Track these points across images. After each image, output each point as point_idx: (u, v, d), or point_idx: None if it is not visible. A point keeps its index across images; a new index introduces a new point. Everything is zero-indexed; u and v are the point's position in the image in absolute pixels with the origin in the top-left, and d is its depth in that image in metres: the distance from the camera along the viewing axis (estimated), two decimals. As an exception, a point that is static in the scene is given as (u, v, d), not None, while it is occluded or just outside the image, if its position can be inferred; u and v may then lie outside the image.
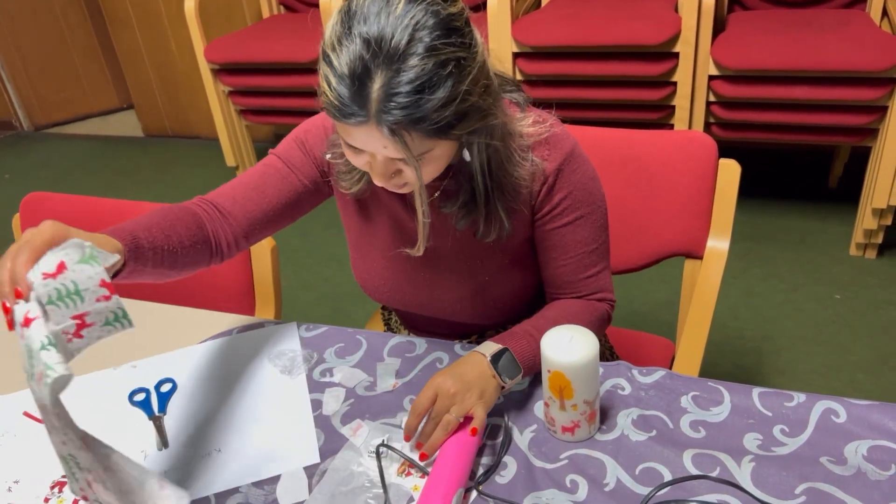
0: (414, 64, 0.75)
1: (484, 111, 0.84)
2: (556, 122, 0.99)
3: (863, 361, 1.97)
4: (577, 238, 1.02)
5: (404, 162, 0.84)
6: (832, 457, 0.83)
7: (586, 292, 1.05)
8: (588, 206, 1.01)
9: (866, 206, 2.28)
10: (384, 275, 1.10)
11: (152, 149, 3.92)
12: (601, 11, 2.37)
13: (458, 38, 0.77)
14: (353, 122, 0.78)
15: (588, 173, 1.01)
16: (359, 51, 0.75)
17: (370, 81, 0.75)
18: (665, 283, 2.33)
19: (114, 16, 3.71)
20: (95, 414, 1.02)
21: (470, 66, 0.79)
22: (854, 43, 2.08)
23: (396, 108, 0.76)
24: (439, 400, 0.88)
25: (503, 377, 0.91)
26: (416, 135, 0.79)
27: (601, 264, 1.05)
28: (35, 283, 0.66)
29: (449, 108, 0.77)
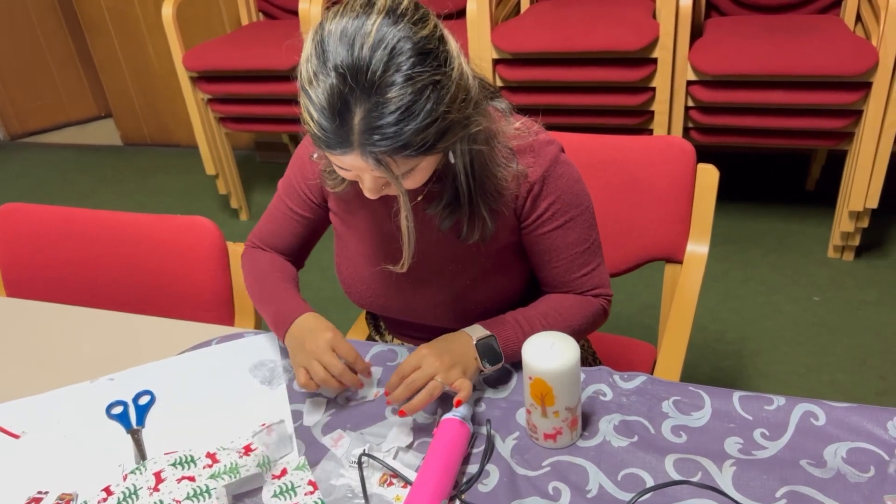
0: (392, 95, 0.75)
1: (465, 122, 0.85)
2: (539, 129, 1.00)
3: (842, 362, 1.99)
4: (568, 240, 1.03)
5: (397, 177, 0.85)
6: (812, 459, 0.84)
7: (582, 290, 1.06)
8: (576, 208, 1.02)
9: (843, 209, 2.30)
10: (367, 280, 1.11)
11: (131, 157, 3.88)
12: (580, 18, 2.38)
13: (433, 62, 0.78)
14: (338, 153, 0.80)
15: (573, 176, 1.02)
16: (336, 84, 0.76)
17: (350, 115, 0.77)
18: (646, 288, 2.35)
19: (91, 23, 3.67)
20: (73, 428, 1.00)
21: (447, 86, 0.80)
22: (829, 48, 2.10)
23: (380, 139, 0.77)
24: (423, 367, 0.92)
25: (483, 362, 0.95)
26: (401, 159, 0.81)
27: (594, 261, 1.06)
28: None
29: (430, 129, 0.79)
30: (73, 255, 1.38)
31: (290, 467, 0.89)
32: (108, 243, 1.36)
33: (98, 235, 1.37)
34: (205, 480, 0.84)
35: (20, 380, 1.11)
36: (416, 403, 0.90)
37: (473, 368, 0.95)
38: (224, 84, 2.78)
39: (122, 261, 1.36)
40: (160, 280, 1.34)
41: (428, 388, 0.90)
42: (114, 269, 1.37)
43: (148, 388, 1.06)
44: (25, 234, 1.41)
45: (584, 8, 2.50)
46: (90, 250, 1.38)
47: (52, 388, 1.08)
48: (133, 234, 1.35)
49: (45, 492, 0.90)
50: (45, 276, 1.41)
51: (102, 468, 0.93)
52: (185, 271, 1.32)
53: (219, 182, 3.05)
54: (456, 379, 0.92)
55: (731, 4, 2.59)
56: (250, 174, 3.43)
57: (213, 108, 2.90)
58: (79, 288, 1.39)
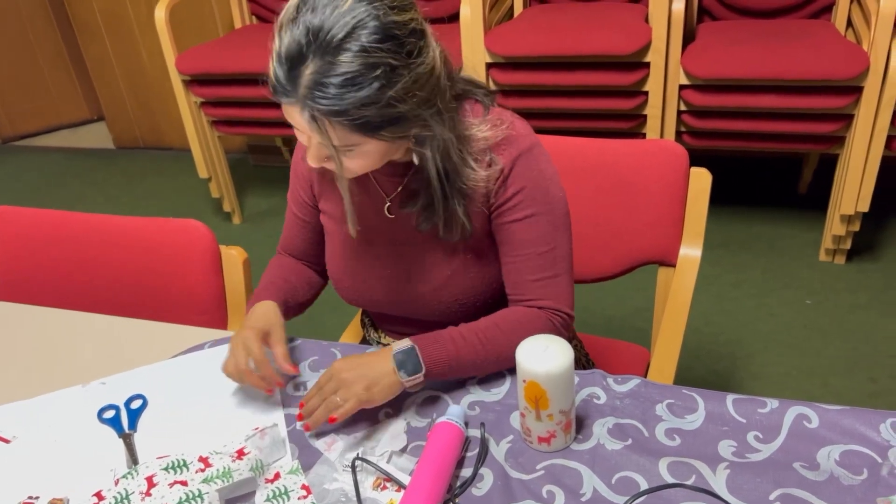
0: (345, 60, 0.79)
1: (419, 121, 0.87)
2: (518, 120, 1.01)
3: (834, 365, 2.00)
4: (528, 236, 1.01)
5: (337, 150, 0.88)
6: (805, 462, 0.84)
7: (533, 297, 1.02)
8: (542, 205, 1.00)
9: (835, 213, 2.31)
10: (352, 274, 1.12)
11: (123, 161, 3.87)
12: (573, 22, 2.39)
13: (393, 46, 0.81)
14: (284, 102, 0.84)
15: (545, 173, 1.01)
16: (299, 36, 0.80)
17: (303, 66, 0.81)
18: (639, 291, 2.35)
19: (83, 25, 3.66)
20: (64, 432, 1.00)
21: (402, 76, 0.82)
22: (821, 52, 2.11)
23: (320, 97, 0.81)
24: (331, 381, 0.93)
25: (401, 372, 0.94)
26: (338, 127, 0.83)
27: (553, 270, 1.02)
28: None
29: (370, 108, 0.82)
30: (65, 259, 1.38)
31: (284, 471, 0.89)
32: (100, 247, 1.36)
33: (90, 239, 1.36)
34: (197, 485, 0.83)
35: (11, 384, 1.10)
36: (316, 419, 0.92)
37: (388, 382, 0.93)
38: (217, 87, 2.77)
39: (114, 264, 1.35)
40: (152, 283, 1.33)
41: (324, 406, 0.92)
42: (106, 272, 1.36)
43: (140, 391, 1.05)
44: (17, 237, 1.40)
45: (577, 12, 2.51)
46: (82, 254, 1.37)
47: (43, 392, 1.07)
48: (125, 237, 1.35)
49: (36, 496, 0.90)
50: (36, 280, 1.40)
51: (94, 473, 0.93)
52: (177, 275, 1.31)
53: (211, 185, 3.05)
54: (351, 396, 0.91)
55: (724, 9, 2.60)
56: (243, 177, 3.42)
57: (205, 111, 2.89)
58: (70, 291, 1.38)
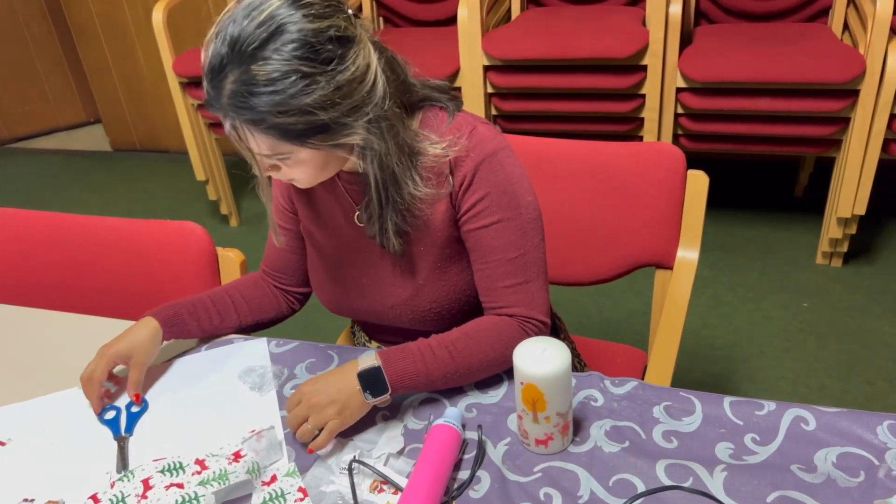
0: (257, 68, 0.80)
1: (346, 129, 0.86)
2: (482, 124, 0.98)
3: (830, 368, 2.00)
4: (495, 243, 0.99)
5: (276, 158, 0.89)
6: (802, 464, 0.84)
7: (504, 303, 1.00)
8: (509, 210, 0.98)
9: (831, 216, 2.32)
10: (332, 283, 1.12)
11: (120, 163, 3.86)
12: (570, 25, 2.39)
13: (307, 53, 0.81)
14: (213, 113, 0.85)
15: (511, 176, 0.98)
16: (219, 48, 0.81)
17: (224, 78, 0.82)
18: (636, 294, 2.35)
19: (80, 27, 3.66)
20: (59, 434, 0.99)
21: (318, 83, 0.82)
22: (817, 55, 2.12)
23: (238, 106, 0.82)
24: (300, 407, 0.92)
25: (366, 394, 0.92)
26: (260, 135, 0.84)
27: (524, 276, 0.99)
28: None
29: (287, 115, 0.82)
30: (61, 261, 1.37)
31: (280, 474, 0.89)
32: (96, 249, 1.36)
33: (86, 241, 1.36)
34: (193, 487, 0.83)
35: (6, 386, 1.10)
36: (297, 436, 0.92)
37: (357, 403, 0.92)
38: (214, 89, 2.77)
39: (110, 266, 1.35)
40: (149, 286, 1.33)
41: (299, 434, 0.91)
42: (102, 274, 1.36)
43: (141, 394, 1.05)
44: (13, 239, 1.40)
45: (574, 15, 2.51)
46: (79, 256, 1.37)
47: (38, 395, 1.07)
48: (122, 239, 1.34)
49: (31, 499, 0.89)
50: (32, 282, 1.39)
51: (89, 475, 0.92)
52: (174, 277, 1.31)
53: (208, 188, 3.04)
54: (325, 420, 0.90)
55: (720, 12, 2.61)
56: (240, 180, 3.42)
57: (203, 113, 2.89)
58: (67, 294, 1.38)
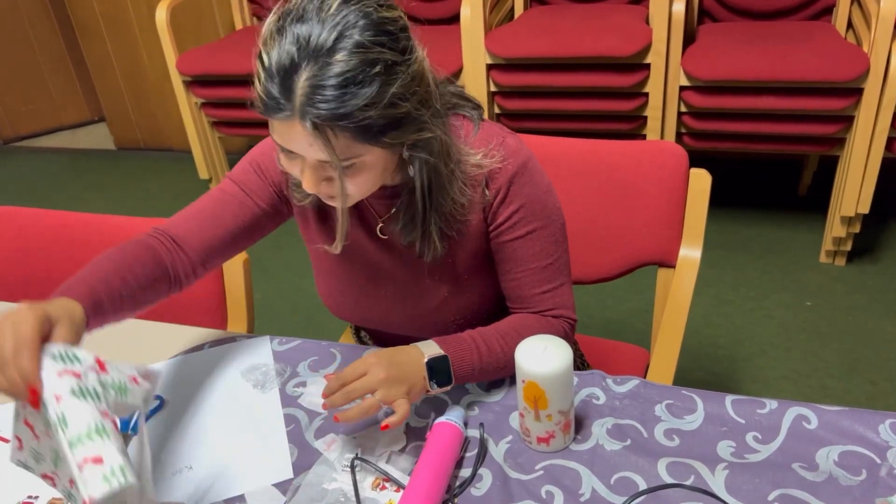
0: (340, 59, 0.75)
1: (419, 123, 0.84)
2: (509, 135, 0.98)
3: (832, 367, 2.00)
4: (530, 252, 1.00)
5: (334, 167, 0.83)
6: (804, 463, 0.84)
7: (542, 308, 1.02)
8: (542, 219, 0.99)
9: (835, 215, 2.31)
10: (345, 292, 1.09)
11: (124, 162, 3.87)
12: (574, 23, 2.39)
13: (389, 41, 0.78)
14: (279, 118, 0.78)
15: (542, 186, 0.99)
16: (288, 47, 0.76)
17: (296, 75, 0.76)
18: (638, 292, 2.35)
19: (83, 26, 3.66)
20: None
21: (402, 72, 0.79)
22: (821, 54, 2.12)
23: (321, 101, 0.76)
24: (368, 378, 0.88)
25: (432, 383, 0.91)
26: (342, 135, 0.78)
27: (558, 280, 1.02)
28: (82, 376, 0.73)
29: (374, 108, 0.77)
30: (64, 260, 1.38)
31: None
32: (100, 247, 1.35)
33: (90, 240, 1.36)
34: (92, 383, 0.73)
35: (10, 383, 1.10)
36: (351, 416, 0.87)
37: (420, 387, 0.90)
38: (218, 88, 2.78)
39: (114, 264, 1.35)
40: (152, 284, 1.33)
41: (364, 406, 0.86)
42: (106, 272, 1.36)
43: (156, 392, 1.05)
44: (17, 238, 1.40)
45: (577, 14, 2.51)
46: (82, 254, 1.37)
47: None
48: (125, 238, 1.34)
49: (35, 496, 0.90)
50: (36, 281, 1.40)
51: (93, 472, 0.93)
52: (177, 275, 1.31)
53: (212, 186, 3.05)
54: (396, 397, 0.87)
55: (724, 10, 2.61)
56: (243, 178, 3.42)
57: (206, 112, 2.90)
58: (70, 291, 1.38)
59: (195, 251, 1.00)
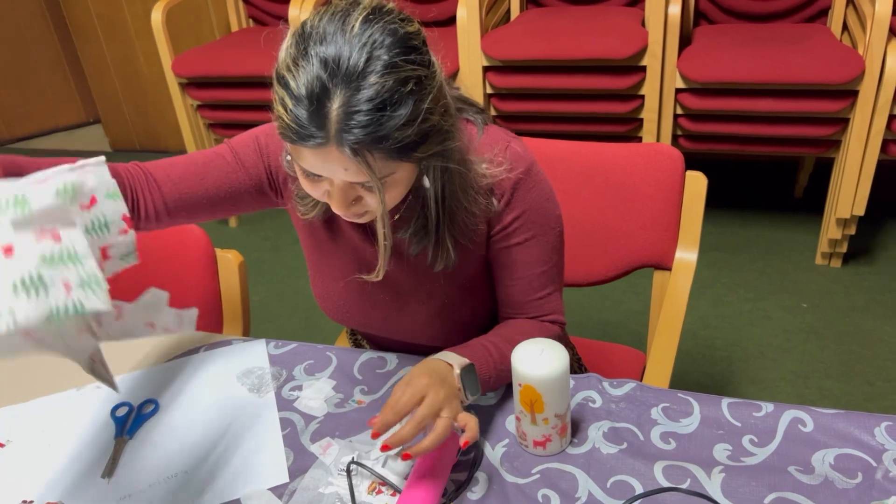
0: (374, 81, 0.73)
1: (444, 133, 0.83)
2: (514, 140, 0.97)
3: (829, 368, 2.00)
4: (527, 258, 0.99)
5: (364, 187, 0.82)
6: (800, 466, 0.84)
7: (537, 314, 1.03)
8: (541, 226, 0.98)
9: (831, 216, 2.32)
10: (343, 297, 1.08)
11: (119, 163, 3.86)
12: (570, 26, 2.39)
13: (417, 56, 0.77)
14: (312, 145, 0.76)
15: (544, 193, 0.98)
16: (316, 71, 0.73)
17: (329, 101, 0.74)
18: (635, 295, 2.35)
19: (79, 27, 3.66)
20: (58, 436, 0.99)
21: (430, 85, 0.78)
22: (816, 56, 2.12)
23: (357, 126, 0.73)
24: (429, 401, 0.82)
25: (467, 393, 0.88)
26: (379, 155, 0.76)
27: (552, 286, 1.02)
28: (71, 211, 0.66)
29: (412, 126, 0.76)
30: (59, 262, 1.37)
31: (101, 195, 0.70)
32: (95, 250, 1.35)
33: (85, 242, 1.36)
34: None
35: (5, 388, 1.10)
36: (428, 445, 0.80)
37: (458, 400, 0.87)
38: (214, 90, 2.77)
39: (109, 267, 1.35)
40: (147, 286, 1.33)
41: (439, 430, 0.81)
42: (101, 275, 1.35)
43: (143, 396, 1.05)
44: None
45: (573, 16, 2.51)
46: (77, 257, 1.36)
47: (37, 396, 1.07)
48: (121, 240, 1.34)
49: (30, 500, 0.89)
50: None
51: (88, 477, 0.92)
52: (172, 278, 1.31)
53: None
54: (460, 411, 0.84)
55: (720, 13, 2.61)
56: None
57: (202, 114, 2.89)
58: (65, 294, 1.38)
59: (167, 195, 0.96)
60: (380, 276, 0.91)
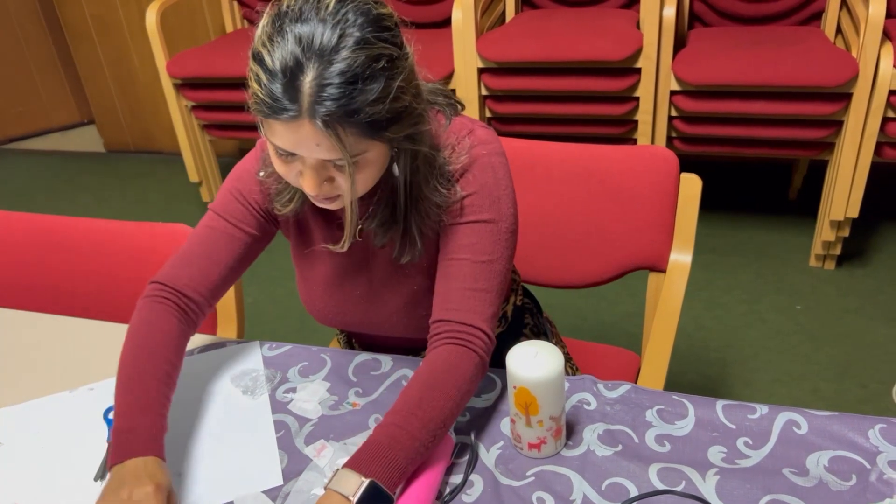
0: (346, 56, 0.76)
1: (416, 116, 0.85)
2: (481, 128, 0.98)
3: (824, 370, 2.01)
4: (468, 241, 0.95)
5: (336, 167, 0.84)
6: (794, 468, 0.84)
7: (455, 307, 0.93)
8: (493, 213, 0.95)
9: (825, 219, 2.33)
10: (325, 298, 1.10)
11: (114, 164, 3.85)
12: (565, 28, 2.39)
13: (389, 35, 0.80)
14: (286, 118, 0.78)
15: (500, 183, 0.96)
16: (291, 47, 0.76)
17: (302, 75, 0.76)
18: (630, 297, 2.35)
19: (73, 28, 3.65)
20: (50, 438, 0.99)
21: (402, 65, 0.81)
22: (810, 59, 2.13)
23: (329, 98, 0.76)
24: None
25: None
26: (350, 130, 0.78)
27: (485, 283, 0.94)
28: None
29: (383, 103, 0.78)
30: (53, 263, 1.37)
31: None
32: (87, 251, 1.35)
33: (78, 243, 1.35)
34: None
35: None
36: None
37: None
38: (208, 91, 2.77)
39: (102, 269, 1.34)
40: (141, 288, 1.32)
41: None
42: (94, 277, 1.35)
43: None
44: (5, 241, 1.39)
45: (568, 18, 2.52)
46: (71, 258, 1.36)
47: (30, 398, 1.07)
48: (114, 241, 1.34)
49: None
50: (23, 285, 1.39)
51: (79, 479, 0.92)
52: (166, 279, 1.30)
53: (202, 189, 3.04)
54: None
55: (714, 15, 2.62)
56: (234, 182, 3.41)
57: (197, 115, 2.88)
58: (57, 296, 1.37)
59: (202, 296, 1.01)
60: (345, 247, 0.94)
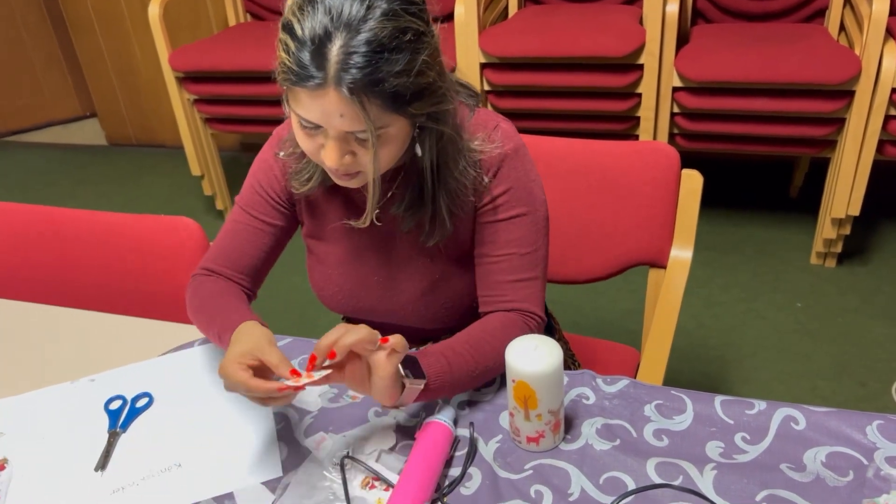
0: (373, 26, 0.77)
1: (440, 95, 0.86)
2: (504, 121, 1.00)
3: (823, 368, 2.01)
4: (511, 237, 1.00)
5: (358, 141, 0.84)
6: (792, 463, 0.84)
7: (509, 298, 1.01)
8: (527, 205, 1.00)
9: (826, 216, 2.33)
10: (339, 282, 1.10)
11: (115, 158, 3.85)
12: (568, 23, 2.39)
13: (416, 9, 0.81)
14: (311, 86, 0.79)
15: (530, 174, 1.01)
16: (320, 17, 0.78)
17: (330, 44, 0.78)
18: (630, 292, 2.36)
19: (76, 21, 3.65)
20: (52, 429, 0.99)
21: (428, 42, 0.82)
22: (813, 56, 2.12)
23: (354, 66, 0.77)
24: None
25: (406, 372, 0.86)
26: (375, 101, 0.79)
27: (533, 272, 1.02)
28: None
29: (408, 76, 0.80)
30: (55, 255, 1.37)
31: None
32: (90, 243, 1.35)
33: (80, 235, 1.36)
34: None
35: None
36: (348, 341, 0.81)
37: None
38: (210, 84, 2.77)
39: (104, 261, 1.35)
40: (143, 281, 1.33)
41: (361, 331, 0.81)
42: (96, 269, 1.35)
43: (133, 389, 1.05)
44: (7, 233, 1.39)
45: (571, 13, 2.52)
46: (72, 250, 1.36)
47: (31, 389, 1.07)
48: (116, 234, 1.34)
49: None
50: (25, 276, 1.39)
51: (81, 470, 0.92)
52: (168, 272, 1.31)
53: (204, 183, 3.04)
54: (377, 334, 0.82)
55: (718, 12, 2.61)
56: (236, 175, 3.40)
57: (199, 108, 2.88)
58: (60, 288, 1.38)
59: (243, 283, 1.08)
60: (366, 222, 0.94)
